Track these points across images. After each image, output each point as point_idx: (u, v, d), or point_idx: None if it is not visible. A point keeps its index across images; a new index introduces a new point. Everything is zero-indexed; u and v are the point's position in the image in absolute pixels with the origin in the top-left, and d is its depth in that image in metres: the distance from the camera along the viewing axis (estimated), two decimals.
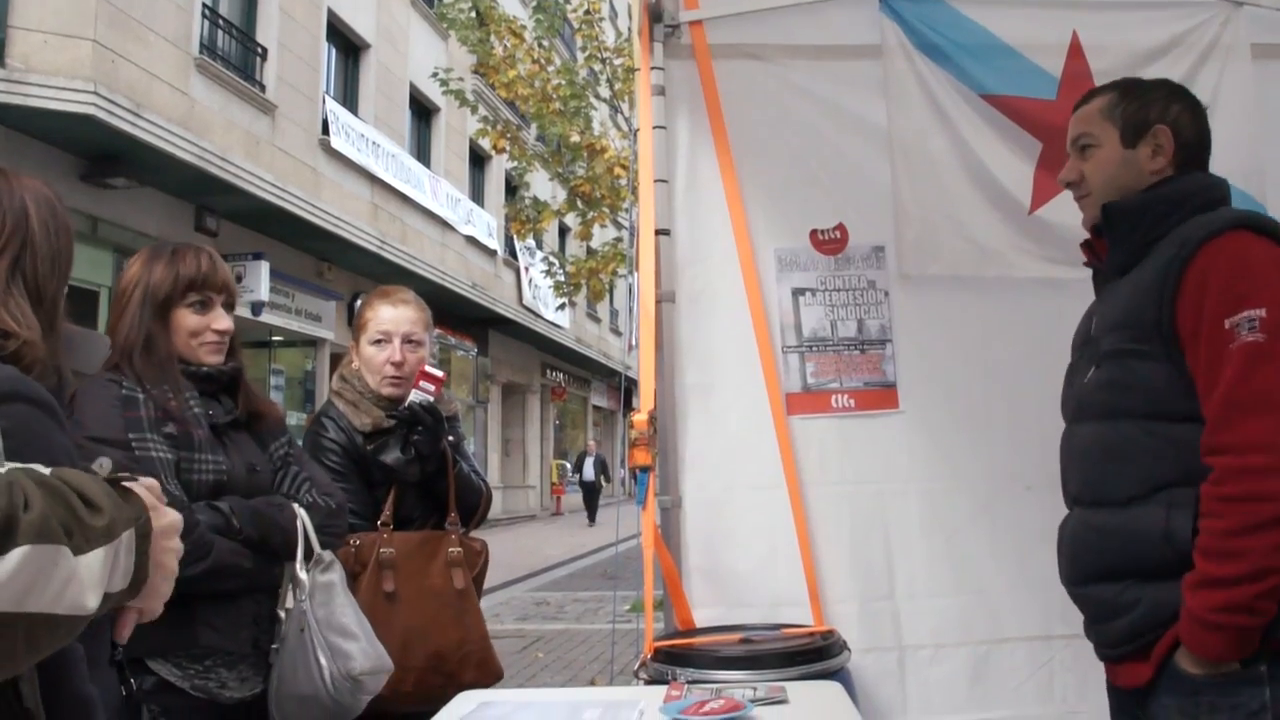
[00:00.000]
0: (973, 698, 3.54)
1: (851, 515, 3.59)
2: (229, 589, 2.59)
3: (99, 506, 1.06)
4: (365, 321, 3.33)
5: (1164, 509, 2.14)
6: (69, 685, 1.54)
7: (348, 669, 2.67)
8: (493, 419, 28.46)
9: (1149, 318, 2.21)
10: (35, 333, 1.64)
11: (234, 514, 2.58)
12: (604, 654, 8.83)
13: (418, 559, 3.17)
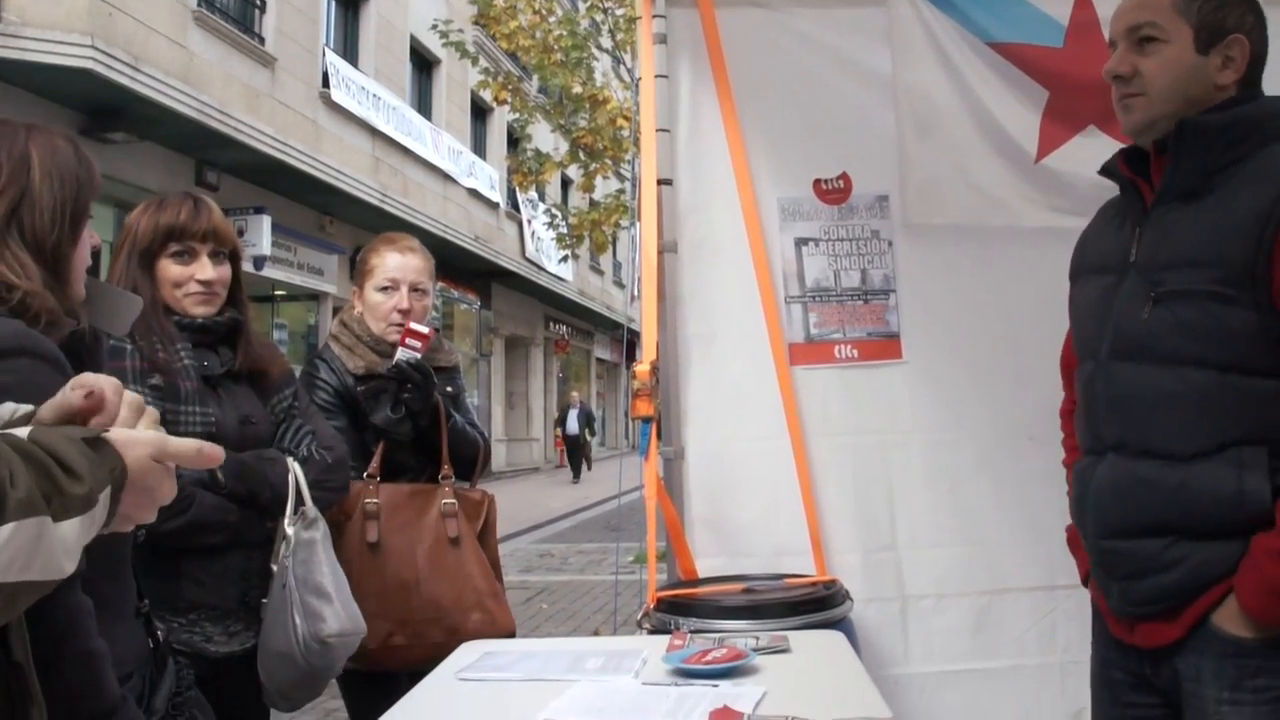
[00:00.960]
0: (975, 647, 3.55)
1: (854, 465, 3.58)
2: (214, 544, 2.57)
3: (79, 474, 1.05)
4: (371, 268, 3.31)
5: (1235, 468, 2.00)
6: (78, 640, 1.54)
7: (317, 630, 2.61)
8: (496, 372, 28.47)
9: (1239, 259, 2.01)
10: (37, 283, 1.63)
11: (219, 467, 2.52)
12: (607, 605, 8.87)
13: (407, 511, 3.16)
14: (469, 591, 3.17)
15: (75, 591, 1.54)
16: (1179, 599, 2.08)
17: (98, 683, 1.54)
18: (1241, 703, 2.01)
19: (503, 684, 2.45)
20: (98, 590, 1.65)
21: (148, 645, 1.94)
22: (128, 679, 1.80)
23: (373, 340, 3.25)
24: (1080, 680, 3.40)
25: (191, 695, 2.01)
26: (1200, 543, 2.04)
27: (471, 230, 23.37)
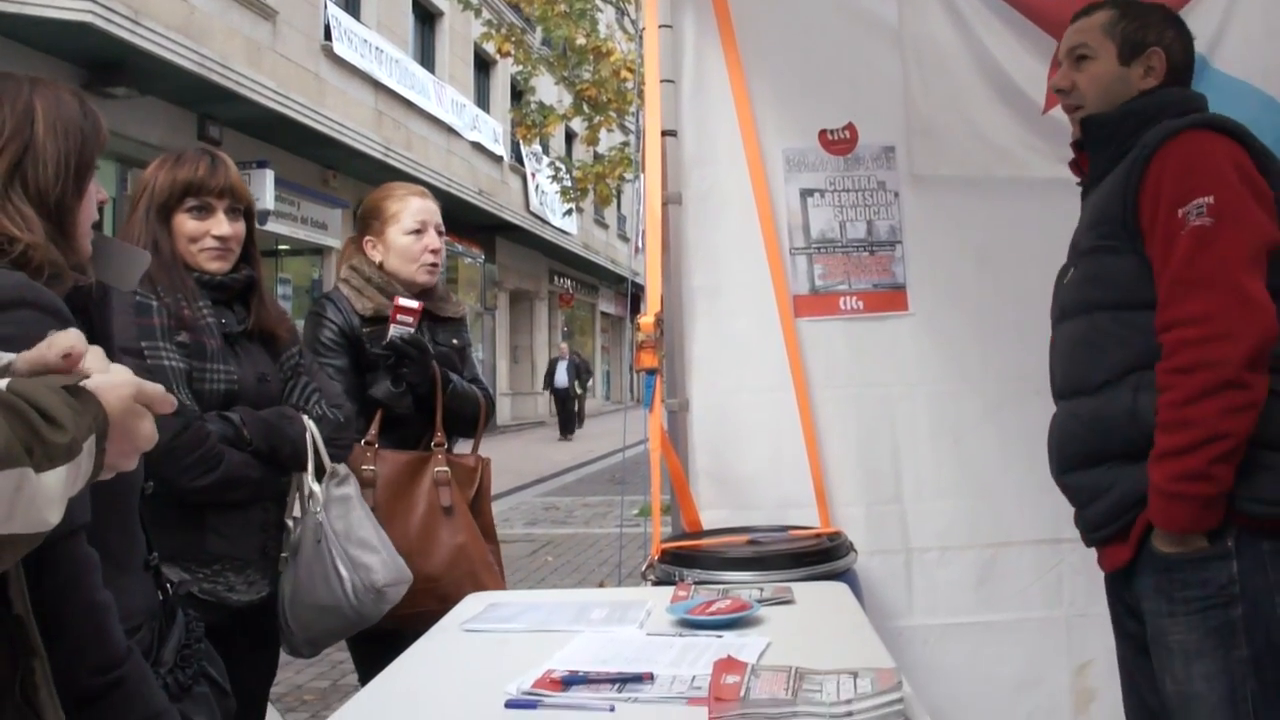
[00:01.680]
0: (979, 600, 3.55)
1: (859, 418, 3.57)
2: (238, 499, 2.61)
3: (60, 423, 1.03)
4: (394, 213, 3.34)
5: (1131, 391, 2.27)
6: (83, 592, 1.54)
7: (370, 581, 2.74)
8: (500, 326, 28.48)
9: (1115, 214, 2.34)
10: (39, 236, 1.62)
11: (244, 425, 2.58)
12: (612, 557, 8.91)
13: (401, 480, 3.17)
14: (461, 560, 3.18)
15: (81, 544, 1.54)
16: (1121, 521, 2.30)
17: (104, 635, 1.54)
18: (1176, 614, 2.22)
19: (508, 635, 2.46)
20: (105, 543, 1.65)
21: (157, 597, 1.94)
22: (136, 631, 1.81)
23: (384, 282, 3.26)
24: (1085, 633, 3.45)
25: (201, 647, 2.02)
26: (1124, 466, 2.28)
27: (475, 184, 23.31)
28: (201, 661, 1.99)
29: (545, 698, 1.92)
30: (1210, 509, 2.15)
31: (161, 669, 1.85)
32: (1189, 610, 2.20)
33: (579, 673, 2.02)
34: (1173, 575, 2.22)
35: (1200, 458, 2.11)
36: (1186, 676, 2.22)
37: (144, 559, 1.92)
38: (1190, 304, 2.17)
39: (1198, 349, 2.14)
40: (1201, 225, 2.19)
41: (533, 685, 1.98)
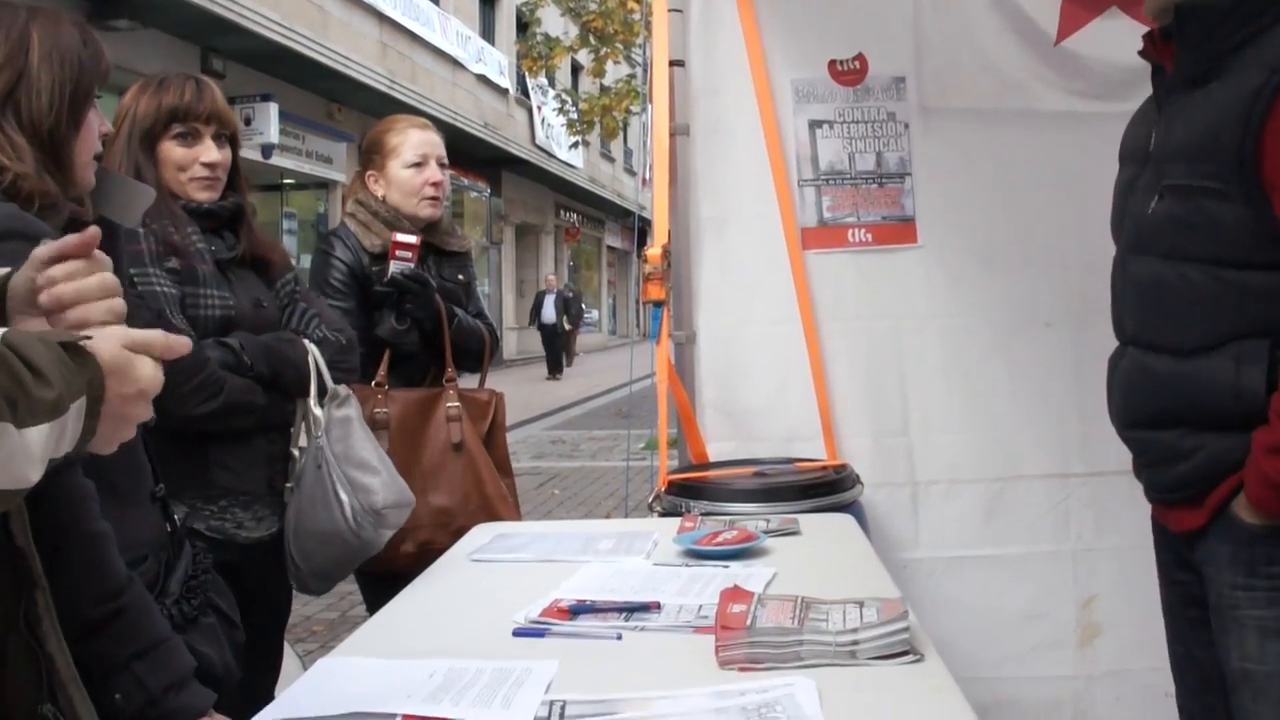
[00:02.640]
0: (986, 534, 3.55)
1: (867, 351, 3.56)
2: (242, 427, 2.57)
3: (48, 378, 1.01)
4: (394, 146, 3.30)
5: (1233, 362, 2.00)
6: (80, 523, 1.54)
7: (370, 503, 2.64)
8: (506, 260, 28.43)
9: (1228, 151, 1.97)
10: (29, 166, 1.61)
11: (244, 350, 2.53)
12: (619, 490, 8.95)
13: (413, 419, 3.16)
14: (475, 496, 3.18)
15: (76, 475, 1.55)
16: (1199, 487, 2.12)
17: (103, 564, 1.55)
18: (1255, 588, 2.06)
19: (515, 565, 2.47)
20: (110, 476, 1.65)
21: (164, 530, 1.94)
22: (142, 562, 1.81)
23: (391, 216, 3.23)
24: (1092, 568, 3.46)
25: (208, 579, 2.02)
26: (1212, 433, 2.07)
27: (481, 117, 23.16)
28: (208, 593, 2.00)
29: (553, 626, 1.93)
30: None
31: (167, 600, 1.86)
32: (1271, 586, 2.05)
33: (586, 602, 2.03)
34: (1256, 549, 2.05)
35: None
36: (1261, 654, 2.08)
37: (150, 491, 1.92)
38: None
39: None
40: None
41: (540, 614, 1.99)
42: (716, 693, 1.54)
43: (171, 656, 1.60)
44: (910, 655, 1.66)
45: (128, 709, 1.48)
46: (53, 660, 1.31)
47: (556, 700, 1.55)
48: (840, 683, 1.56)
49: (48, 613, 1.31)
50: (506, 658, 1.75)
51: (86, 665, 1.39)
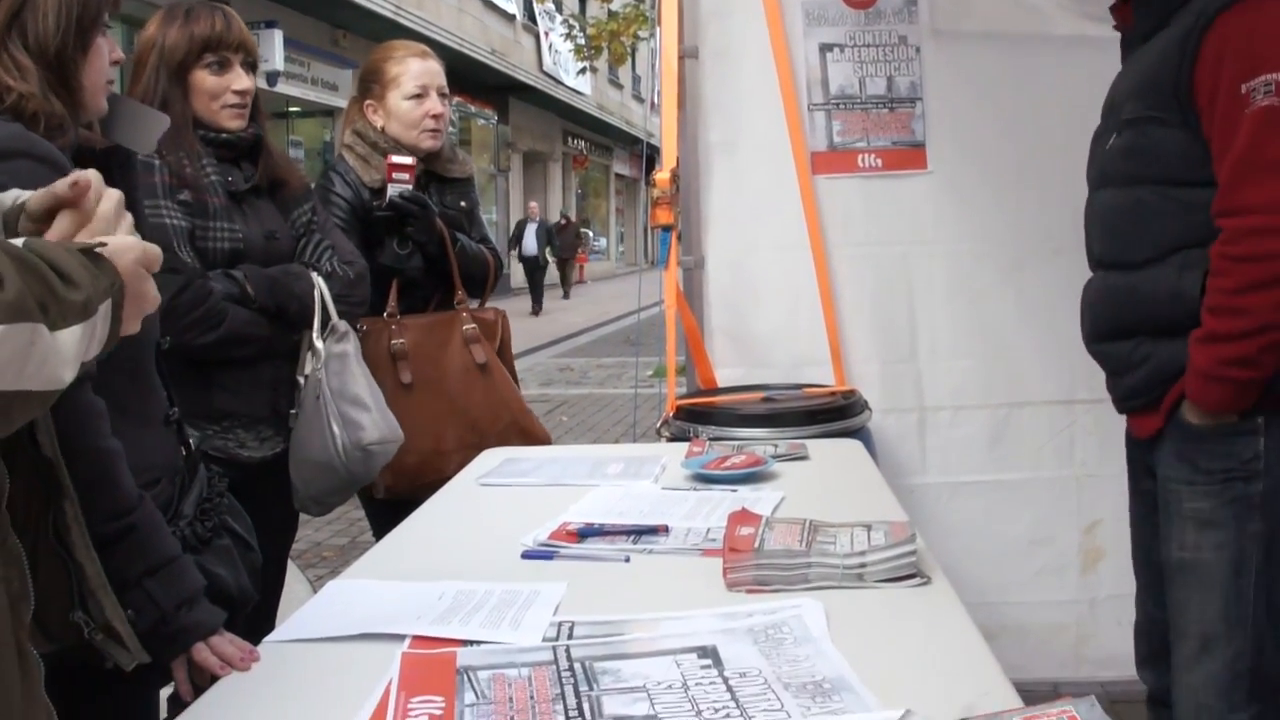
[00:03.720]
0: (992, 459, 3.57)
1: (875, 276, 3.55)
2: (245, 356, 2.60)
3: (76, 282, 1.02)
4: (394, 76, 3.24)
5: (1175, 270, 2.19)
6: (89, 438, 1.54)
7: (358, 439, 2.69)
8: (514, 188, 28.29)
9: (1167, 84, 2.20)
10: (34, 86, 1.59)
11: (248, 282, 2.56)
12: (626, 417, 8.97)
13: (431, 344, 3.16)
14: (504, 413, 3.19)
15: (85, 392, 1.55)
16: (1153, 393, 2.28)
17: (114, 481, 1.56)
18: (1196, 483, 2.23)
19: (523, 489, 2.48)
20: (123, 398, 1.66)
21: (178, 452, 1.95)
22: (155, 484, 1.82)
23: (390, 147, 3.20)
24: (1096, 494, 3.47)
25: (223, 501, 2.03)
26: (1160, 340, 2.23)
27: (487, 43, 22.94)
28: (223, 515, 2.01)
29: (561, 549, 1.95)
30: (1248, 391, 2.12)
31: (181, 522, 1.87)
32: (1210, 480, 2.20)
33: (594, 525, 2.05)
34: (1198, 445, 2.21)
35: (1250, 346, 2.08)
36: (1196, 544, 2.23)
37: (165, 414, 1.92)
38: (1255, 190, 2.07)
39: (1260, 239, 2.05)
40: (1270, 105, 2.05)
41: (548, 537, 2.01)
42: (724, 614, 1.55)
43: (182, 574, 1.61)
44: (917, 578, 1.66)
45: (139, 625, 1.49)
46: (82, 569, 1.33)
47: (565, 621, 1.56)
48: (848, 605, 1.57)
49: (76, 522, 1.33)
50: (515, 580, 1.76)
51: None
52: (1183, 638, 2.27)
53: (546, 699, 1.30)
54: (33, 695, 1.19)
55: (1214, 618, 2.22)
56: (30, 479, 1.28)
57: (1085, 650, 3.56)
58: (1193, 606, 2.25)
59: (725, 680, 1.32)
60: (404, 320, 3.15)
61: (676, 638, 1.47)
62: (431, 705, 1.29)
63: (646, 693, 1.29)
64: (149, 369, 1.88)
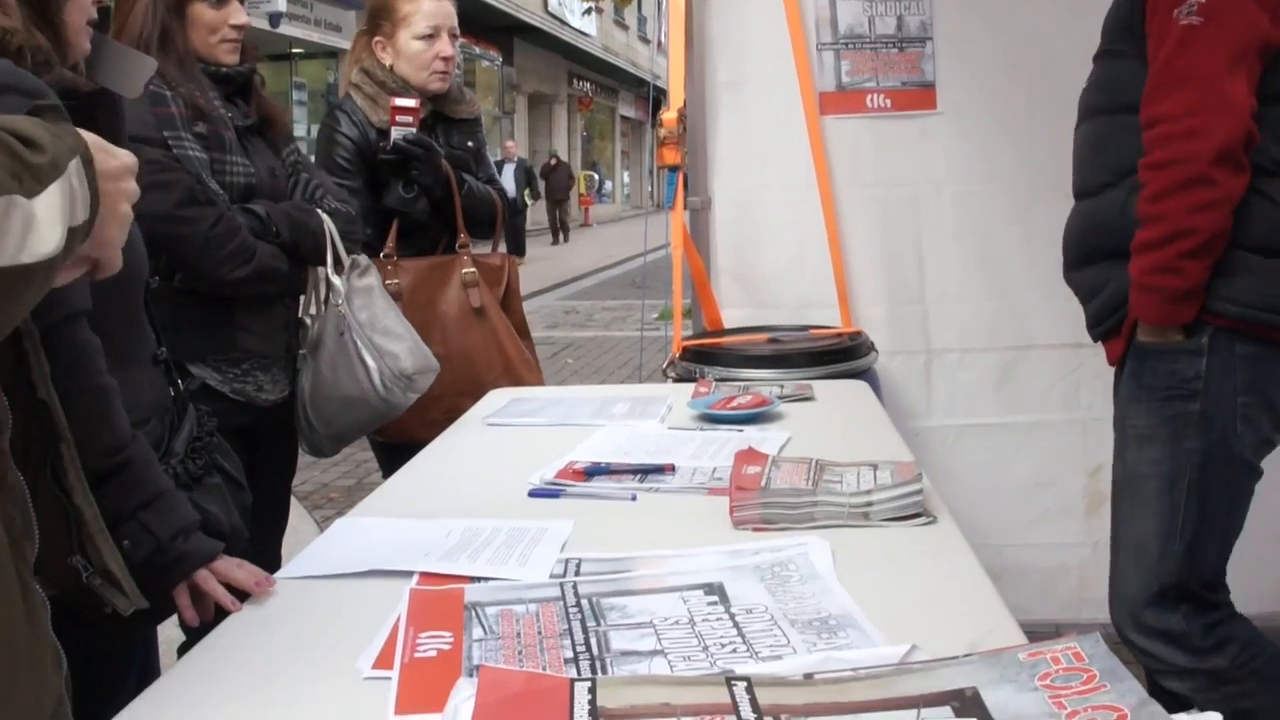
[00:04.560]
0: (998, 401, 3.56)
1: (883, 218, 3.53)
2: (267, 293, 2.59)
3: (39, 144, 1.01)
4: (406, 15, 3.19)
5: (1126, 191, 2.28)
6: (87, 375, 1.54)
7: (399, 368, 2.70)
8: (519, 130, 28.15)
9: (1124, 18, 2.35)
10: (17, 20, 1.57)
11: (269, 218, 2.55)
12: (633, 360, 8.96)
13: (427, 287, 3.14)
14: (498, 359, 3.18)
15: (82, 329, 1.55)
16: (1115, 317, 2.35)
17: (109, 418, 1.56)
18: (1140, 400, 2.33)
19: (530, 428, 2.48)
20: (110, 337, 1.65)
21: (167, 393, 1.95)
22: (145, 423, 1.82)
23: (398, 87, 3.17)
24: (1101, 438, 3.43)
25: (213, 441, 2.04)
26: (1118, 264, 2.29)
27: None
28: (214, 455, 2.02)
29: (568, 488, 1.95)
30: (1181, 303, 2.21)
31: (172, 460, 1.88)
32: (1152, 398, 2.30)
33: (601, 464, 2.05)
34: (1145, 363, 2.30)
35: (1169, 252, 2.17)
36: (1137, 459, 2.34)
37: (152, 354, 1.92)
38: (1168, 101, 2.19)
39: (1169, 145, 2.17)
40: (1189, 24, 2.17)
41: (555, 476, 2.01)
42: (730, 552, 1.56)
43: (176, 507, 1.62)
44: (923, 517, 1.67)
45: (136, 556, 1.50)
46: (80, 512, 1.32)
47: (572, 558, 1.57)
48: (854, 543, 1.57)
49: (73, 465, 1.32)
50: (522, 518, 1.76)
51: None
52: (1120, 549, 2.39)
53: (554, 634, 1.30)
54: (39, 634, 1.20)
55: (1148, 531, 2.32)
56: (27, 422, 1.28)
57: (1087, 592, 3.56)
58: (1131, 520, 2.36)
59: (731, 616, 1.32)
60: (401, 262, 3.14)
61: (683, 575, 1.47)
62: (440, 640, 1.30)
63: (653, 628, 1.30)
64: (137, 308, 1.88)
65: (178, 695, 1.23)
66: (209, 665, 1.32)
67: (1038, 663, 1.04)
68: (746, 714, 0.99)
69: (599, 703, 1.02)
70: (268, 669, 1.29)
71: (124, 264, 1.62)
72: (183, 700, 1.22)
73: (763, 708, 1.00)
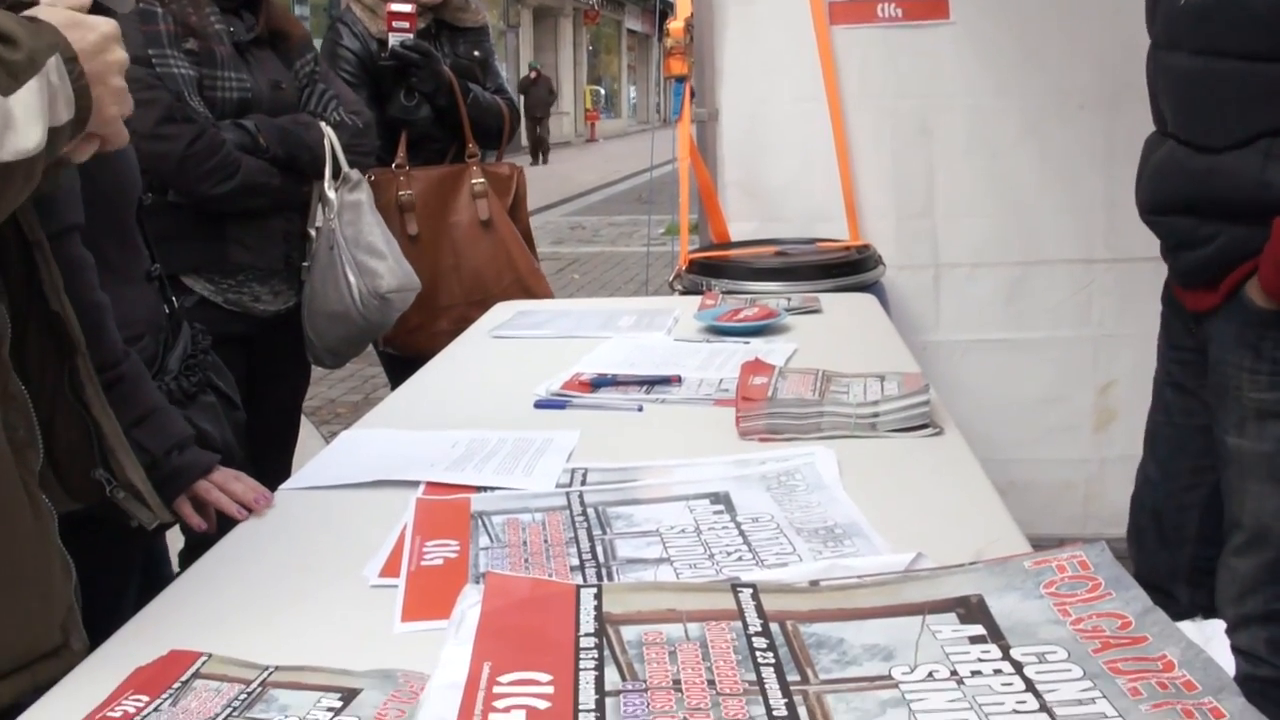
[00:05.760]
0: (1008, 317, 3.54)
1: (893, 130, 3.48)
2: (258, 207, 2.58)
3: (14, 39, 0.98)
4: None
5: (1261, 156, 1.96)
6: (79, 292, 1.53)
7: (375, 287, 2.70)
8: (524, 44, 27.86)
9: None
10: None
11: (260, 132, 2.53)
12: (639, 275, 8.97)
13: (437, 198, 3.13)
14: (508, 270, 3.18)
15: (74, 244, 1.54)
16: (1216, 271, 2.11)
17: (102, 334, 1.55)
18: (1259, 371, 2.07)
19: (536, 341, 2.48)
20: (103, 253, 1.65)
21: (161, 310, 1.95)
22: (138, 340, 1.82)
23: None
24: (1112, 354, 3.46)
25: (207, 359, 2.03)
26: (1235, 224, 2.04)
27: None
28: (208, 373, 2.01)
29: (574, 399, 1.95)
30: None
31: (166, 377, 1.88)
32: (1274, 371, 2.06)
33: (607, 375, 2.04)
34: (1263, 331, 2.05)
35: None
36: (1259, 434, 2.10)
37: (146, 270, 1.91)
38: None
39: None
40: None
41: (561, 387, 2.01)
42: (736, 461, 1.55)
43: (170, 422, 1.62)
44: (930, 428, 1.66)
45: None
46: (100, 425, 1.32)
47: (578, 468, 1.57)
48: (860, 454, 1.57)
49: (90, 378, 1.31)
50: (528, 429, 1.76)
51: None
52: (1236, 527, 2.17)
53: (560, 542, 1.30)
54: (46, 543, 1.20)
55: (1271, 511, 2.12)
56: (43, 335, 1.27)
57: (1092, 508, 3.58)
58: (1249, 497, 2.14)
59: (737, 525, 1.32)
60: (413, 172, 3.12)
61: (689, 484, 1.47)
62: (446, 549, 1.30)
63: (659, 536, 1.30)
64: (130, 225, 1.88)
65: (186, 603, 1.24)
66: (217, 574, 1.32)
67: (1043, 571, 1.03)
68: (752, 620, 0.99)
69: (605, 608, 1.02)
70: (275, 578, 1.29)
71: (115, 180, 1.61)
72: (191, 608, 1.22)
73: (768, 614, 1.00)
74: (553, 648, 0.96)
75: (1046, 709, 0.84)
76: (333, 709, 0.96)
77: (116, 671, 1.05)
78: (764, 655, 0.94)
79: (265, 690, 1.00)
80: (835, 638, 0.96)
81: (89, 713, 0.98)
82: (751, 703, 0.87)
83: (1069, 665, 0.90)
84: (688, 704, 0.87)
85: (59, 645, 1.17)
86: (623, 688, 0.90)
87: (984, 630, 0.96)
